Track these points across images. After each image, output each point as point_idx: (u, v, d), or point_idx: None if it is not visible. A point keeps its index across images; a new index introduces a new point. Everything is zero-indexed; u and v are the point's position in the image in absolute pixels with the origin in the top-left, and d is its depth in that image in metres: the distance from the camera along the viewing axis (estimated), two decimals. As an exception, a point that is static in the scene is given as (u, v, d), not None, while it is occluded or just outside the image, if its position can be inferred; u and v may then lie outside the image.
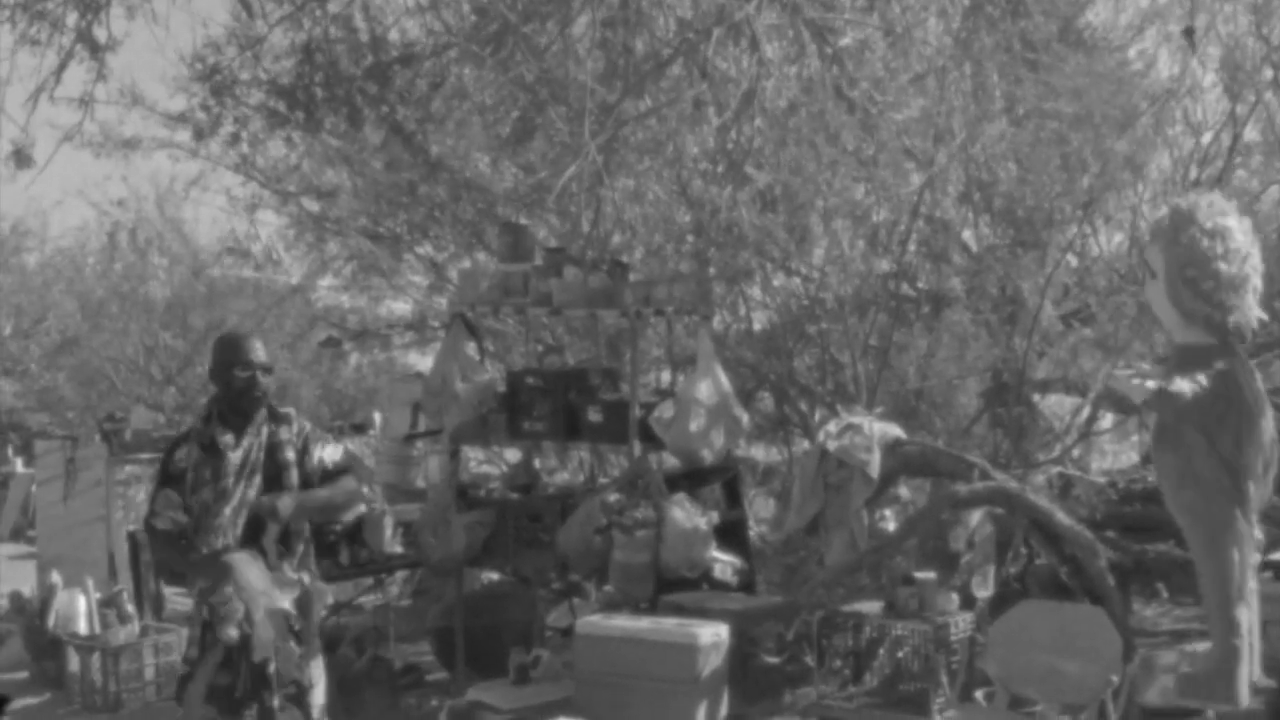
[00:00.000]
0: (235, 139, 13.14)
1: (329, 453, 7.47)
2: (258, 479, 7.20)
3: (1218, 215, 7.12)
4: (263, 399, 7.34)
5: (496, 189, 14.97)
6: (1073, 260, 14.67)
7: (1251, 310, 7.11)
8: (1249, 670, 7.35)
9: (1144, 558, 12.61)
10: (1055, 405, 14.40)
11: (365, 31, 12.02)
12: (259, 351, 7.38)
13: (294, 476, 7.26)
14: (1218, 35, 15.35)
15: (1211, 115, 16.05)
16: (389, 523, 11.27)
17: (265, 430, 7.30)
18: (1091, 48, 14.08)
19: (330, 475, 7.39)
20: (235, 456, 7.18)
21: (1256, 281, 7.16)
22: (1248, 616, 7.34)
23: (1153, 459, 7.48)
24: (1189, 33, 11.09)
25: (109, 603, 11.61)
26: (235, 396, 7.30)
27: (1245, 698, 7.21)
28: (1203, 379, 6.80)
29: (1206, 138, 16.02)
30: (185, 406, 23.37)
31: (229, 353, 7.35)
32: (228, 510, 7.11)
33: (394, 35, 12.11)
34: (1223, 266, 7.01)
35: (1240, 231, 7.13)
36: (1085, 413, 14.39)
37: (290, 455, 7.29)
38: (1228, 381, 6.95)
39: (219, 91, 12.17)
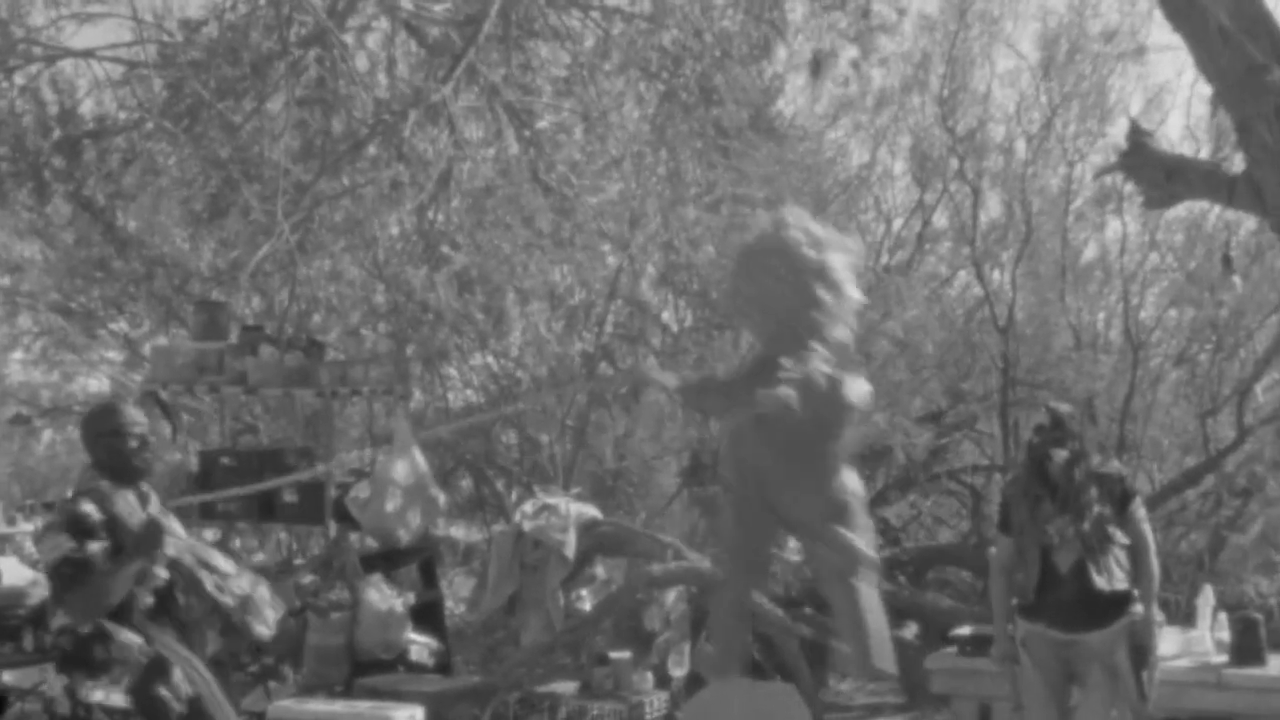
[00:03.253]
0: (-82, 213, 12.74)
1: None
2: None
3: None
4: None
5: (192, 265, 14.76)
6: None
7: None
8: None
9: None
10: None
11: (54, 104, 11.74)
12: None
13: None
14: (906, 126, 15.87)
15: (901, 203, 16.56)
16: (73, 608, 10.95)
17: None
18: (783, 136, 14.42)
19: None
20: None
21: None
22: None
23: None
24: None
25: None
26: None
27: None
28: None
29: (897, 224, 16.52)
30: None
31: None
32: None
33: (85, 108, 11.85)
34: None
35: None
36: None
37: None
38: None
39: (-102, 163, 11.80)
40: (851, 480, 6.51)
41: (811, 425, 6.21)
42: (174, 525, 6.96)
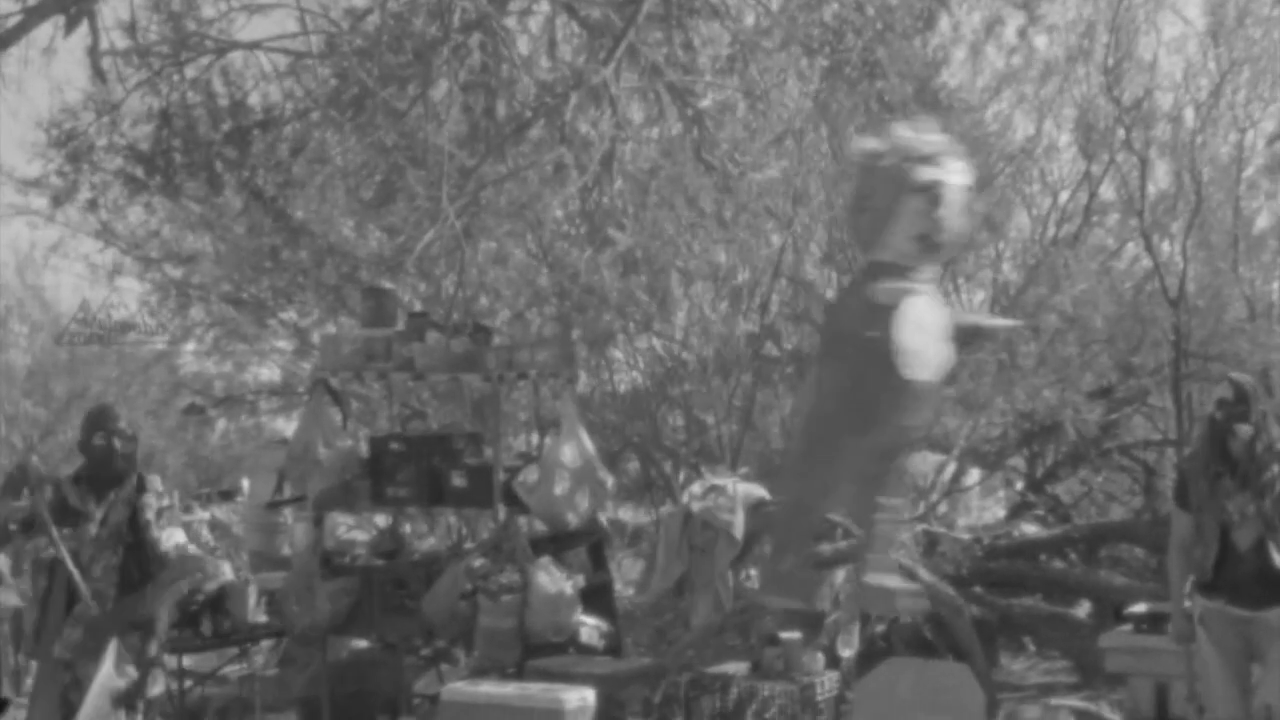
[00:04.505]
0: (93, 205, 12.95)
1: (166, 536, 7.51)
2: (120, 550, 7.24)
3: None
4: (126, 467, 7.39)
5: (360, 253, 14.91)
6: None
7: None
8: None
9: (1010, 612, 12.73)
10: (920, 462, 14.52)
11: (224, 96, 11.90)
12: (111, 418, 7.43)
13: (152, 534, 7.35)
14: (1071, 97, 15.63)
15: (1067, 175, 16.33)
16: (253, 591, 11.13)
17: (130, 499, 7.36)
18: (948, 108, 14.27)
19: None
20: (92, 529, 7.19)
21: None
22: None
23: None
24: None
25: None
26: (96, 465, 7.34)
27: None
28: None
29: (1063, 196, 16.29)
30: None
31: (90, 421, 7.46)
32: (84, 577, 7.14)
33: (253, 99, 12.01)
34: None
35: None
36: (950, 469, 14.51)
37: (150, 517, 7.34)
38: None
39: (75, 157, 12.01)
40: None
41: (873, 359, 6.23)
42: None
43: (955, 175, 7.84)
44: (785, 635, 9.82)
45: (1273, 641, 7.90)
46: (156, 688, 7.67)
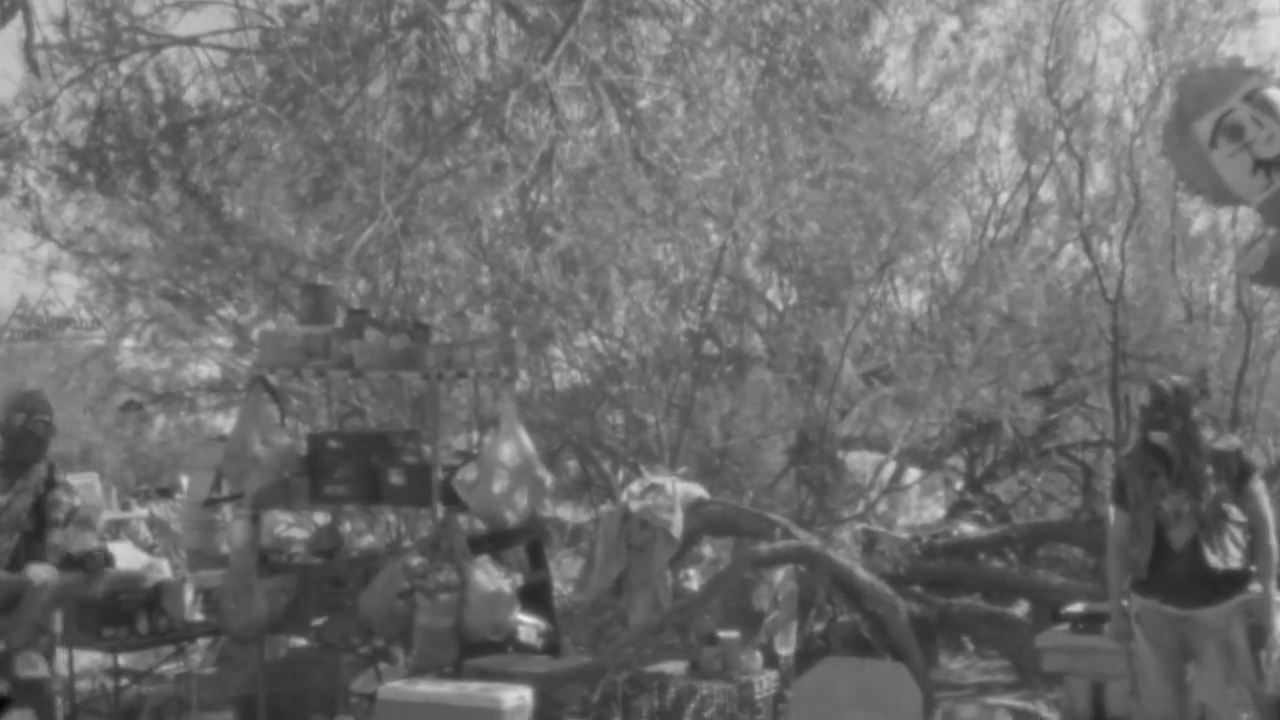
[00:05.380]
0: (25, 201, 12.85)
1: (79, 541, 7.50)
2: (17, 536, 7.21)
3: None
4: (36, 452, 7.36)
5: (299, 250, 14.83)
6: (873, 318, 14.87)
7: None
8: None
9: (948, 611, 12.78)
10: (858, 462, 14.57)
11: (160, 92, 11.83)
12: (35, 402, 7.43)
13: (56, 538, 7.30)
14: (1011, 98, 15.71)
15: (1007, 176, 16.41)
16: (189, 589, 11.08)
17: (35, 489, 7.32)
18: (885, 109, 14.33)
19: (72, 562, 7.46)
20: None
21: None
22: None
23: None
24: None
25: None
26: (10, 446, 7.33)
27: None
28: None
29: (1003, 197, 16.37)
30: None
31: (14, 402, 7.44)
32: None
33: (189, 96, 11.94)
34: None
35: None
36: (889, 469, 14.56)
37: (59, 516, 7.31)
38: None
39: (8, 153, 11.93)
40: None
41: None
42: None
43: None
44: (724, 634, 9.85)
45: (1207, 640, 7.96)
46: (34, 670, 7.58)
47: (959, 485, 16.28)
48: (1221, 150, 7.66)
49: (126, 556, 13.83)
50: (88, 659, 10.78)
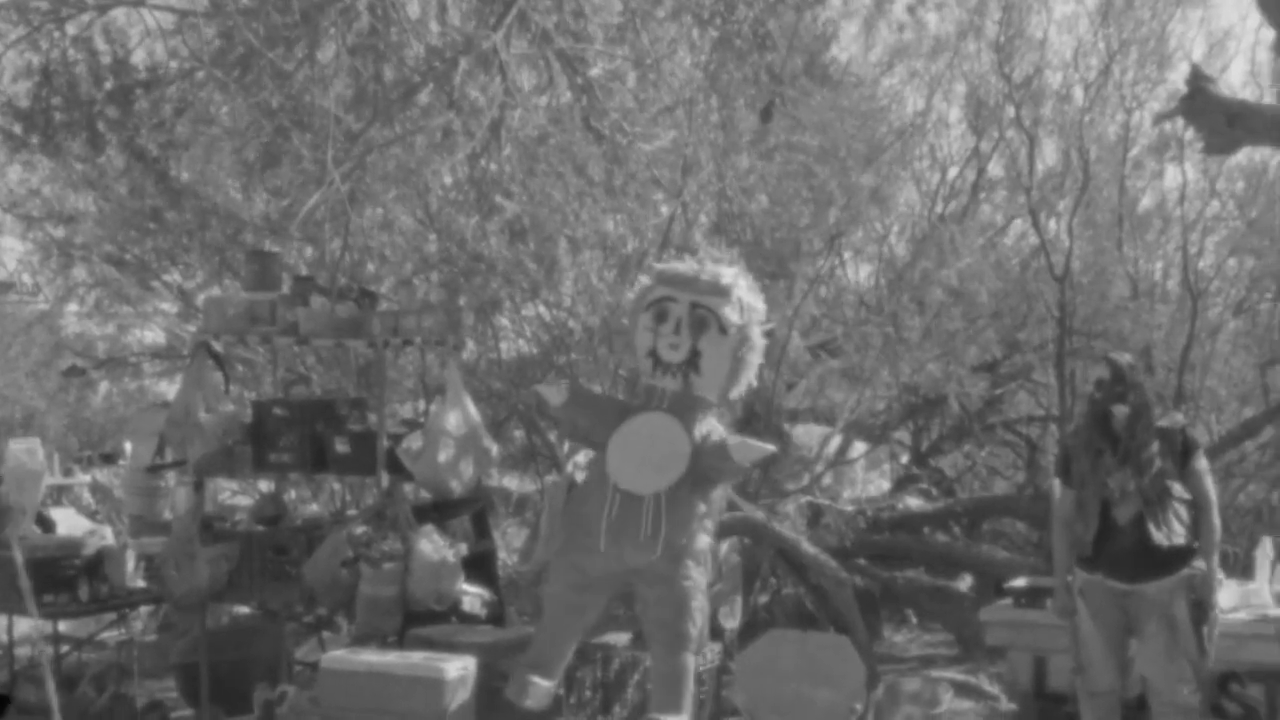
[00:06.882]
0: (-34, 163, 12.74)
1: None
2: None
3: None
4: None
5: (245, 215, 14.73)
6: (822, 291, 14.87)
7: None
8: None
9: (892, 585, 12.84)
10: (804, 435, 14.57)
11: (107, 54, 11.69)
12: None
13: None
14: (962, 73, 15.74)
15: (956, 151, 16.45)
16: (131, 556, 11.02)
17: None
18: (837, 83, 14.32)
19: None
20: None
21: None
22: None
23: None
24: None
25: None
26: None
27: None
28: None
29: (952, 172, 16.41)
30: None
31: None
32: None
33: (137, 58, 11.81)
34: None
35: None
36: (835, 442, 14.58)
37: None
38: None
39: (-50, 113, 11.82)
40: None
41: None
42: None
43: None
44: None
45: (1150, 614, 8.02)
46: None
47: (905, 459, 16.34)
48: None
49: (69, 522, 13.76)
50: (27, 625, 10.69)
